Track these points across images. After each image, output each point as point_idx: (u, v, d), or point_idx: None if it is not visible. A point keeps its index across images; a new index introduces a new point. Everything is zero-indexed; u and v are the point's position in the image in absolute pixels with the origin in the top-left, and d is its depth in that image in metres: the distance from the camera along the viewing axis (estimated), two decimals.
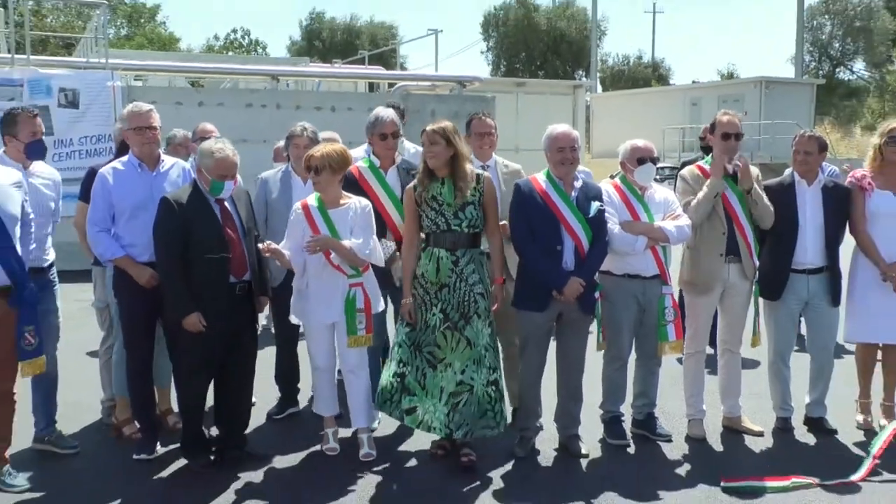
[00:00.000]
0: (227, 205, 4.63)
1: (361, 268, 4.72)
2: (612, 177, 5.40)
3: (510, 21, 55.81)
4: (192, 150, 5.67)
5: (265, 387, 5.24)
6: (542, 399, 4.98)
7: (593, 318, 4.86)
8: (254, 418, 5.07)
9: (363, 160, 5.33)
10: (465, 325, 4.60)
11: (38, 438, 4.89)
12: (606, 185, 5.10)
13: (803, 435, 5.23)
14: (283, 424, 5.45)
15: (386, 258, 4.85)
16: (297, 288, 4.83)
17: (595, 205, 4.73)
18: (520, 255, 4.79)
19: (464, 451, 4.69)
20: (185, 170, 5.02)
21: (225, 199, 4.62)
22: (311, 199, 4.76)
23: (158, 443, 4.87)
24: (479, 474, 4.58)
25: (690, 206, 4.96)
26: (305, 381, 5.54)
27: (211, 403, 4.84)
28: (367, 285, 4.77)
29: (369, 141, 5.35)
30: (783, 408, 5.29)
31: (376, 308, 4.84)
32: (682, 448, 5.02)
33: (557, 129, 4.82)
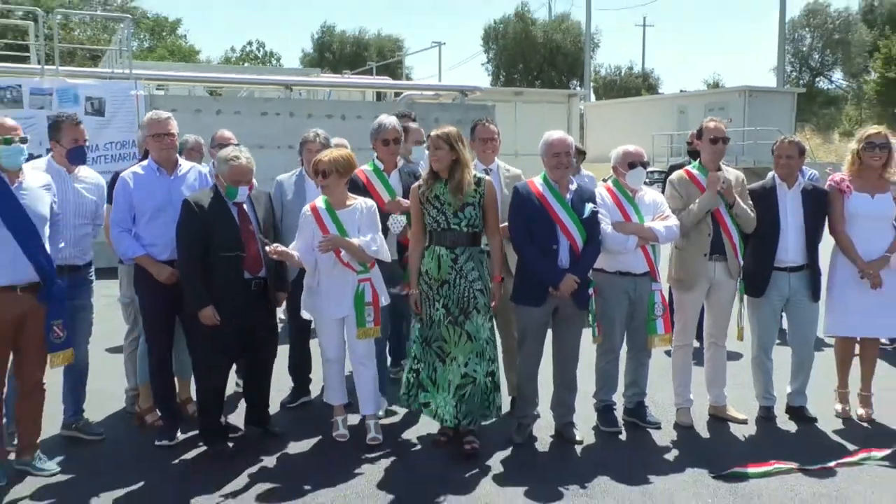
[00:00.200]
0: (244, 207, 4.64)
1: (369, 264, 4.73)
2: (605, 180, 5.41)
3: (509, 34, 55.75)
4: (212, 154, 5.67)
5: (279, 377, 5.24)
6: (539, 389, 4.98)
7: (588, 313, 4.86)
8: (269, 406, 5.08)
9: (369, 164, 5.35)
10: (464, 320, 4.60)
11: (67, 425, 4.91)
12: (599, 187, 5.11)
13: (785, 423, 5.22)
14: (295, 412, 5.46)
15: (397, 233, 4.94)
16: (309, 285, 4.84)
17: (589, 206, 4.74)
18: (518, 254, 4.79)
19: (468, 438, 4.69)
20: (200, 173, 5.03)
21: (243, 202, 4.63)
22: (319, 202, 4.76)
23: (179, 430, 4.88)
24: (480, 460, 4.58)
25: (683, 214, 4.97)
26: (317, 373, 5.54)
27: (230, 392, 4.85)
28: (375, 280, 4.78)
29: (373, 146, 5.36)
30: (766, 397, 5.30)
31: (383, 302, 4.85)
32: (670, 435, 5.02)
33: (553, 135, 4.82)
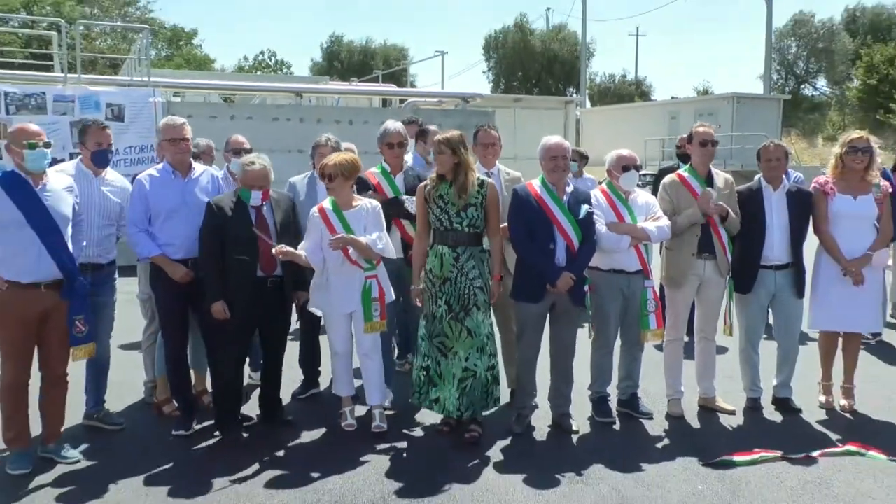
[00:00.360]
0: (263, 209, 4.66)
1: (375, 261, 4.73)
2: (600, 183, 5.41)
3: (508, 44, 55.70)
4: (226, 158, 5.68)
5: (290, 370, 5.25)
6: (537, 381, 4.98)
7: (584, 309, 4.86)
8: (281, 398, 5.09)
9: (377, 167, 5.39)
10: (465, 316, 4.60)
11: (88, 416, 4.92)
12: (594, 190, 5.11)
13: (771, 413, 5.21)
14: (306, 403, 5.46)
15: (414, 210, 4.97)
16: (317, 283, 4.83)
17: (584, 208, 4.73)
18: (517, 253, 4.78)
19: (471, 427, 4.70)
20: (213, 176, 5.02)
21: (261, 206, 4.64)
22: (327, 203, 4.76)
23: (195, 420, 4.88)
24: (481, 448, 4.58)
25: (673, 220, 4.96)
26: (325, 366, 5.54)
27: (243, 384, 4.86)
28: (381, 277, 4.78)
29: (380, 150, 5.38)
30: (753, 389, 5.29)
31: (389, 298, 4.85)
32: (662, 425, 5.01)
33: (551, 140, 4.82)
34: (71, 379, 4.48)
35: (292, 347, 5.19)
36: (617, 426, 5.00)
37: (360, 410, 5.04)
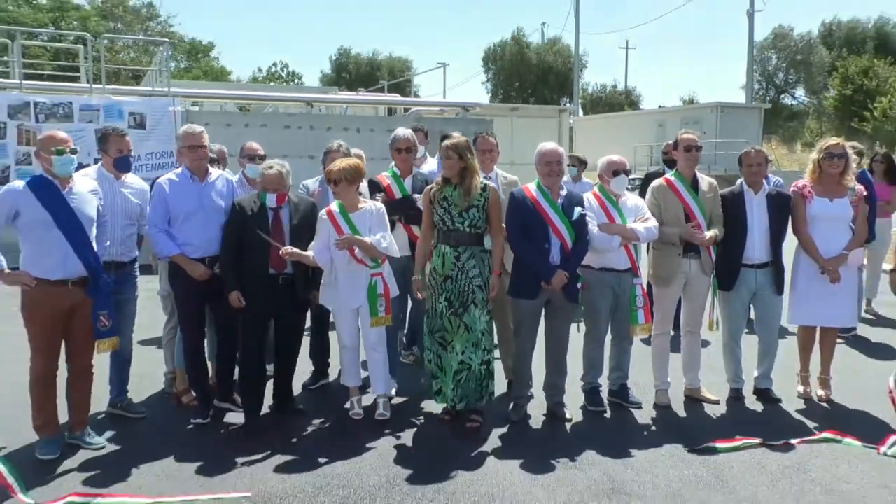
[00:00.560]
0: (281, 211, 4.66)
1: (380, 259, 4.73)
2: (592, 186, 5.40)
3: (506, 56, 55.70)
4: (240, 164, 5.68)
5: (301, 362, 5.24)
6: (532, 373, 4.97)
7: (578, 305, 4.85)
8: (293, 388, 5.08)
9: (388, 171, 5.40)
10: (463, 312, 4.60)
11: (112, 404, 4.93)
12: (587, 193, 5.10)
13: (752, 403, 5.21)
14: (315, 393, 5.46)
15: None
16: (326, 281, 4.82)
17: (577, 210, 4.73)
18: (514, 252, 4.78)
19: (473, 416, 4.70)
20: (228, 181, 5.01)
21: (279, 208, 4.65)
22: (334, 206, 4.77)
23: (212, 409, 4.88)
24: (481, 436, 4.57)
25: (661, 230, 4.96)
26: (334, 358, 5.54)
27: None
28: (386, 275, 4.78)
29: (391, 154, 5.39)
30: (735, 380, 5.28)
31: (393, 294, 4.85)
32: (650, 413, 5.01)
33: (546, 146, 4.82)
34: (96, 371, 4.49)
35: (303, 341, 5.18)
36: (608, 415, 4.99)
37: (367, 400, 5.04)
